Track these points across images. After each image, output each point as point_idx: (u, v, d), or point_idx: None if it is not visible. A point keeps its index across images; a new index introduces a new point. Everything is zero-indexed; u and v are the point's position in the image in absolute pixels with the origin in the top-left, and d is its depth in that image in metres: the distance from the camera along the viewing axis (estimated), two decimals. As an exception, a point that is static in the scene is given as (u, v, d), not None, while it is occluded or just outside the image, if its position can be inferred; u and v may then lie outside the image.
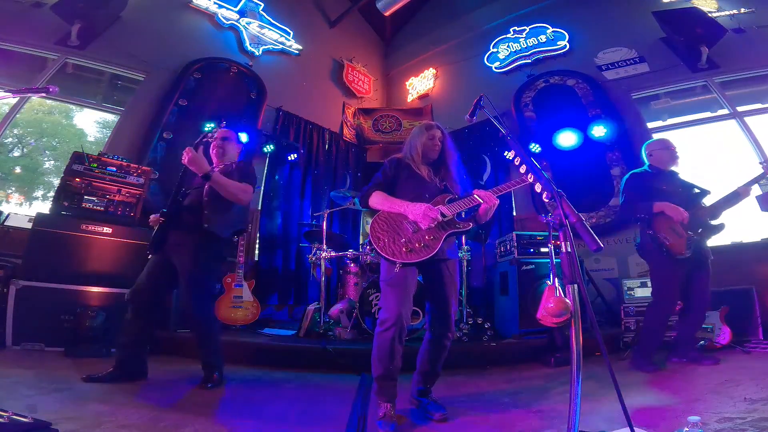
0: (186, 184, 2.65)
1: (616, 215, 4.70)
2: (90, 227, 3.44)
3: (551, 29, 5.93)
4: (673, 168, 3.06)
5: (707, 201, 2.97)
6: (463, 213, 2.05)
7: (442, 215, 1.98)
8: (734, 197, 2.86)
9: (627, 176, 3.13)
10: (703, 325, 3.19)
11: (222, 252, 2.71)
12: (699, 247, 2.84)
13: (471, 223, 2.06)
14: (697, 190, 2.99)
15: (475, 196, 2.01)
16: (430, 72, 7.25)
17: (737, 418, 1.70)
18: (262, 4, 6.15)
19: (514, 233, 3.78)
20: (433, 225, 1.95)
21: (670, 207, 2.83)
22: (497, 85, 6.13)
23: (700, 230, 2.84)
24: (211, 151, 2.78)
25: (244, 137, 5.03)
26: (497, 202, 2.02)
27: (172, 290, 2.84)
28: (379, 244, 1.98)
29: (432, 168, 2.23)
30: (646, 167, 3.12)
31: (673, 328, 3.14)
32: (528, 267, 3.66)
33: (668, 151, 3.06)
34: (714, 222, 2.91)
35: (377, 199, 2.09)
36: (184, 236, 2.49)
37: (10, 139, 9.04)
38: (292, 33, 6.44)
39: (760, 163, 2.92)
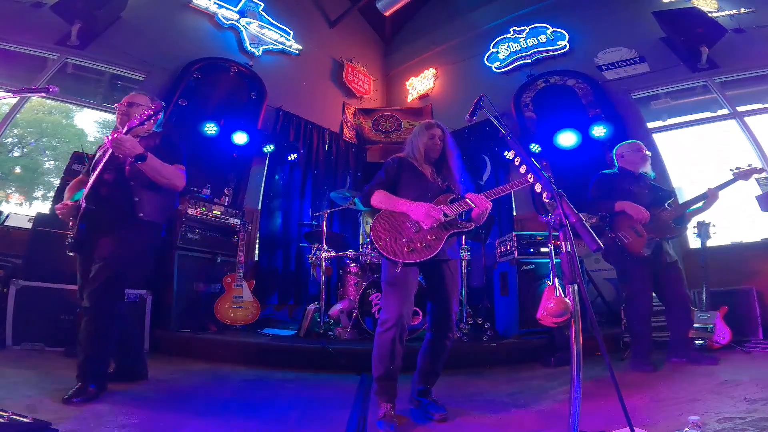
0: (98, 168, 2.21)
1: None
2: (90, 227, 3.43)
3: (551, 29, 5.92)
4: (642, 171, 3.08)
5: (673, 204, 2.99)
6: (463, 213, 2.05)
7: (445, 215, 1.98)
8: (701, 199, 2.86)
9: (596, 176, 3.15)
10: (704, 325, 3.19)
11: (158, 239, 2.35)
12: (662, 248, 2.86)
13: (473, 223, 2.06)
14: (661, 193, 3.01)
15: (467, 200, 2.01)
16: (430, 72, 7.24)
17: (737, 418, 1.70)
18: (262, 4, 6.14)
19: (514, 233, 3.78)
20: (435, 225, 1.95)
21: (632, 206, 2.84)
22: (497, 85, 6.13)
23: (661, 229, 2.84)
24: (116, 120, 2.34)
25: (244, 137, 5.05)
26: (489, 206, 2.01)
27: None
28: (380, 243, 1.97)
29: (434, 167, 2.23)
30: (615, 169, 3.15)
31: (667, 328, 3.14)
32: (528, 267, 3.66)
33: (639, 153, 3.09)
34: (681, 225, 2.92)
35: (379, 198, 2.09)
36: (112, 227, 2.12)
37: (10, 139, 9.04)
38: (292, 33, 6.44)
39: (730, 170, 2.90)
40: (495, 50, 6.32)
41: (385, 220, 2.03)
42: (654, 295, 3.00)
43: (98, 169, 2.15)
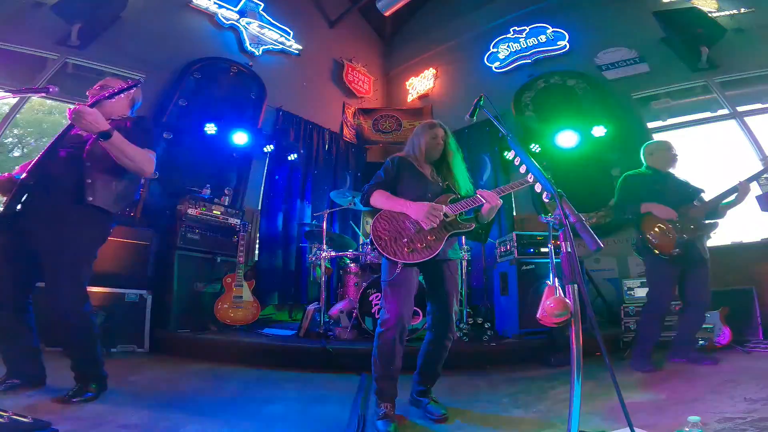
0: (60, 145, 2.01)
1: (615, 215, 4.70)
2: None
3: (551, 29, 5.92)
4: (670, 170, 3.08)
5: (701, 199, 2.97)
6: (464, 213, 2.05)
7: (445, 215, 1.98)
8: (732, 192, 2.85)
9: (621, 178, 3.14)
10: (704, 325, 3.19)
11: (108, 231, 2.12)
12: (693, 246, 2.84)
13: (473, 224, 2.06)
14: (691, 189, 2.99)
15: (478, 196, 2.01)
16: (430, 72, 7.24)
17: (737, 418, 1.70)
18: (262, 4, 6.14)
19: (514, 233, 3.78)
20: (435, 225, 1.95)
21: (657, 207, 2.84)
22: (497, 85, 6.13)
23: (692, 227, 2.83)
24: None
25: (244, 137, 5.04)
26: (500, 203, 2.02)
27: (34, 280, 2.06)
28: (380, 243, 1.97)
29: (434, 167, 2.23)
30: (643, 168, 3.13)
31: (673, 327, 3.14)
32: (528, 267, 3.66)
33: (670, 152, 3.08)
34: (714, 220, 2.90)
35: (379, 198, 2.08)
36: (55, 210, 1.91)
37: (10, 139, 9.03)
38: (292, 33, 6.44)
39: (761, 159, 2.90)
40: (495, 50, 6.32)
41: (385, 220, 2.03)
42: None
43: (50, 143, 1.94)
